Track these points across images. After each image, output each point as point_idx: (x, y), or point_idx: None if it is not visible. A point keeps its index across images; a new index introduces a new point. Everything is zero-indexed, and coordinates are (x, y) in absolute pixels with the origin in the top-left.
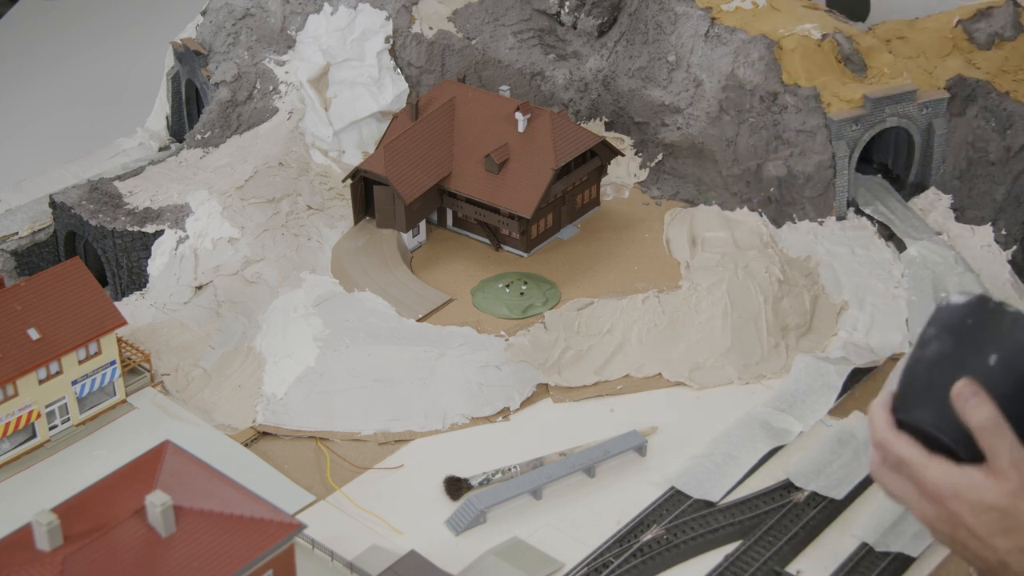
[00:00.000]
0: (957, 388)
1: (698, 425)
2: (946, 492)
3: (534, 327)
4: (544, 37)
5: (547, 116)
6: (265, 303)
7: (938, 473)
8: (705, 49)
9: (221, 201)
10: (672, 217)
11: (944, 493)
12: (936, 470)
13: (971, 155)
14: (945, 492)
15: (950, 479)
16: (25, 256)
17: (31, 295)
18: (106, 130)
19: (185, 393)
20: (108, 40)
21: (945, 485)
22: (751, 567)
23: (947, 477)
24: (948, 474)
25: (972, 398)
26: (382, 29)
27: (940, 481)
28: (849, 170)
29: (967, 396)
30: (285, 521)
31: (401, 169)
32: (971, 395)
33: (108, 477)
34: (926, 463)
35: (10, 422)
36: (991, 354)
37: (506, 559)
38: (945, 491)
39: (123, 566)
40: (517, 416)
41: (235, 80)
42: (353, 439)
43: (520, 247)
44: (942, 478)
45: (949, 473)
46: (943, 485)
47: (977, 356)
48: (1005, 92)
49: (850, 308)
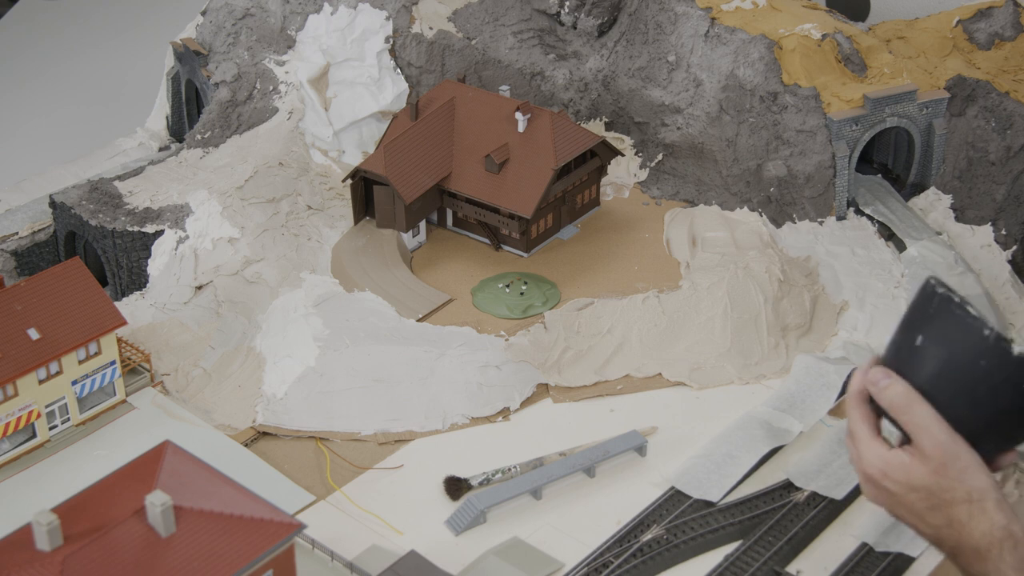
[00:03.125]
0: (871, 375)
1: (698, 425)
2: (875, 472)
3: (534, 327)
4: (544, 37)
5: (547, 116)
6: (265, 303)
7: (871, 455)
8: (705, 49)
9: (221, 201)
10: (672, 217)
11: (874, 473)
12: (869, 449)
13: (971, 155)
14: (874, 472)
15: (881, 461)
16: (25, 256)
17: (31, 295)
18: (106, 130)
19: (185, 393)
20: (108, 40)
21: (874, 465)
22: (751, 567)
23: (879, 459)
24: (880, 456)
25: (882, 380)
26: (382, 29)
27: (870, 460)
28: (849, 170)
29: (877, 380)
30: (285, 521)
31: (401, 169)
32: (881, 378)
33: (108, 477)
34: (864, 440)
35: (10, 422)
36: (918, 336)
37: (506, 559)
38: (874, 471)
39: (123, 566)
40: (517, 416)
41: (235, 80)
42: (353, 439)
43: (520, 247)
44: (875, 460)
45: (880, 455)
46: (872, 464)
47: (910, 339)
48: (1005, 92)
49: (850, 308)
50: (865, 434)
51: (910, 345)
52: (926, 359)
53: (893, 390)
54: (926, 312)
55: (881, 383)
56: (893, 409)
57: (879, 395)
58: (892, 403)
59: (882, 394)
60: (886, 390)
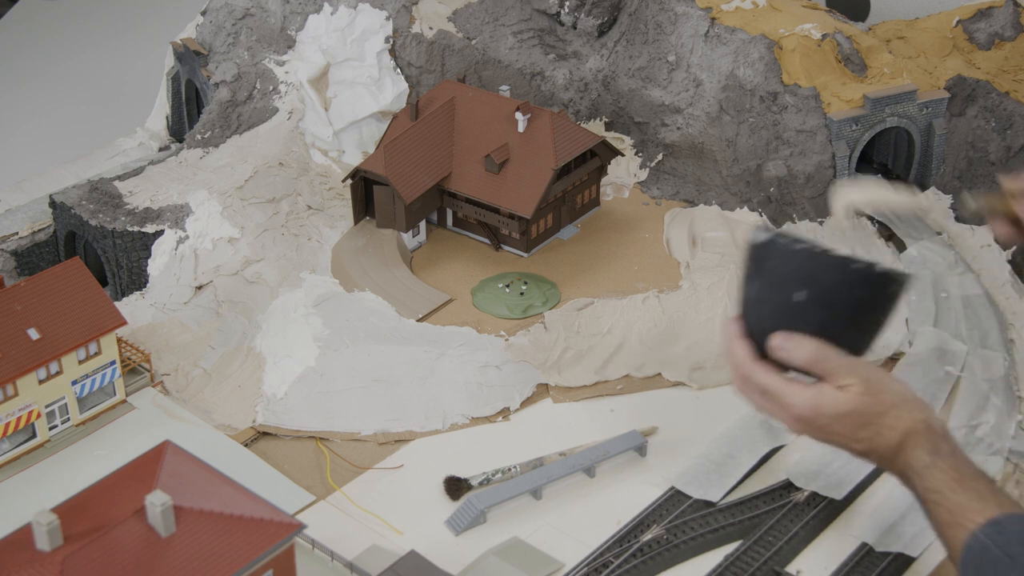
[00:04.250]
0: (774, 345)
1: (698, 425)
2: (808, 412)
3: (534, 327)
4: (544, 37)
5: (547, 116)
6: (265, 303)
7: (796, 398)
8: (705, 49)
9: (221, 201)
10: (672, 217)
11: (807, 414)
12: (795, 396)
13: (971, 155)
14: (808, 412)
15: (809, 400)
16: (25, 256)
17: (31, 295)
18: (106, 130)
19: (185, 393)
20: (108, 40)
21: (806, 407)
22: (751, 567)
23: (805, 400)
24: (804, 396)
25: (787, 344)
26: (382, 29)
27: (800, 404)
28: (849, 170)
29: (783, 347)
30: (285, 521)
31: (401, 169)
32: (786, 343)
33: (108, 477)
34: (785, 390)
35: (10, 422)
36: (796, 289)
37: (506, 559)
38: (807, 411)
39: (123, 566)
40: (517, 416)
41: (235, 80)
42: (353, 439)
43: (520, 247)
44: (801, 401)
45: (805, 395)
46: (804, 407)
47: (785, 295)
48: (1005, 92)
49: None
50: (780, 383)
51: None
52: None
53: (804, 350)
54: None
55: (787, 347)
56: (807, 364)
57: (792, 359)
58: (807, 360)
59: (794, 356)
60: (796, 351)
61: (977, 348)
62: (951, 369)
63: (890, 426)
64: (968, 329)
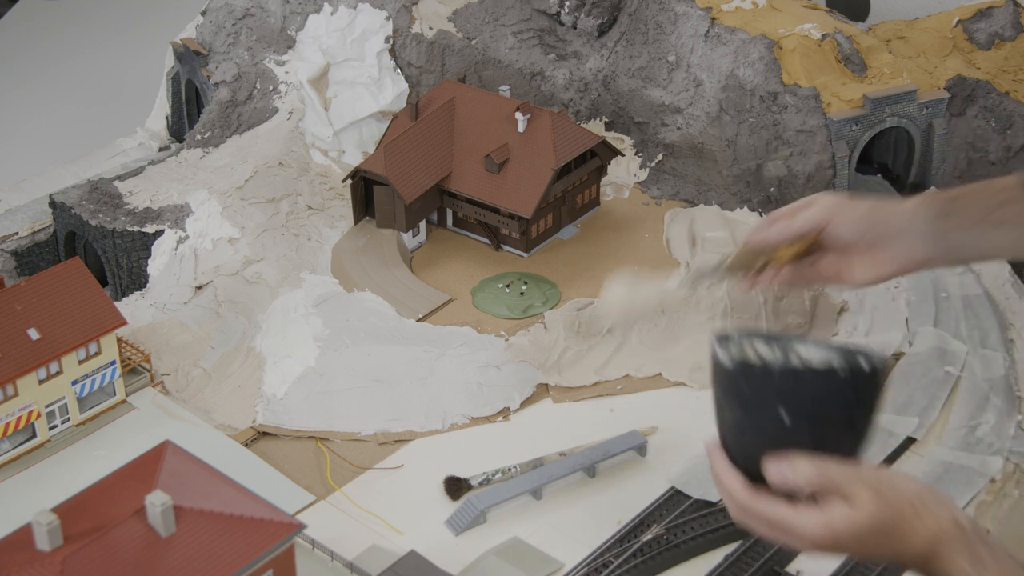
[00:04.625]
0: (771, 476)
1: (698, 425)
2: (825, 538)
3: (534, 327)
4: (544, 37)
5: (547, 116)
6: (265, 303)
7: (809, 527)
8: (705, 49)
9: (221, 201)
10: (672, 217)
11: (825, 540)
12: (806, 523)
13: (971, 155)
14: (824, 539)
15: (822, 526)
16: (25, 256)
17: (31, 295)
18: (106, 130)
19: (185, 393)
20: (108, 40)
21: (821, 534)
22: (751, 567)
23: (818, 525)
24: (817, 522)
25: (784, 471)
26: (382, 29)
27: (815, 531)
28: (849, 170)
29: (781, 475)
30: (285, 521)
31: (401, 169)
32: (783, 470)
33: (108, 477)
34: (793, 520)
35: (10, 422)
36: (781, 411)
37: (506, 559)
38: (824, 539)
39: (123, 566)
40: (517, 416)
41: (235, 80)
42: (353, 439)
43: (520, 247)
44: (814, 528)
45: (816, 520)
46: (819, 535)
47: (768, 418)
48: (1005, 92)
49: (850, 308)
50: (790, 513)
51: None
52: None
53: (802, 473)
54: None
55: (786, 474)
56: (810, 488)
57: (795, 484)
58: (808, 483)
59: (796, 480)
60: (797, 477)
61: (977, 348)
62: (951, 369)
63: (915, 531)
64: (968, 329)
